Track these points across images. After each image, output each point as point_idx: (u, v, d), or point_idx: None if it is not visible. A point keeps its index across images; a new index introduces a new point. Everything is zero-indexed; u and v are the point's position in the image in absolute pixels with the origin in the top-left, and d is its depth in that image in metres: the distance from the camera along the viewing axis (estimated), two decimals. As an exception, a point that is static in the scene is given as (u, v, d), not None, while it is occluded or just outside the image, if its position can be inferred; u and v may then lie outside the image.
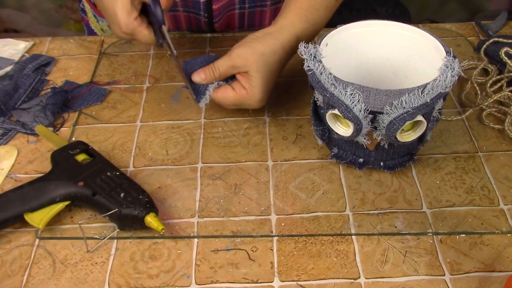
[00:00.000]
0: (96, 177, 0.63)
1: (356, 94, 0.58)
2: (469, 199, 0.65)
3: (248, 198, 0.66)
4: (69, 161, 0.66)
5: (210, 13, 0.89)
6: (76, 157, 0.66)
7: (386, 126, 0.59)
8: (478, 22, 0.93)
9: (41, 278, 0.58)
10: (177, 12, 0.90)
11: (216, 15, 0.90)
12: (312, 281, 0.57)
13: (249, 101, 0.70)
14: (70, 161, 0.66)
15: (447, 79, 0.59)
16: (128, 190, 0.62)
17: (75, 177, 0.63)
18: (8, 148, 0.73)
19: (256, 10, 0.93)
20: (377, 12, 1.28)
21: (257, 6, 0.92)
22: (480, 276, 0.57)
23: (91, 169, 0.64)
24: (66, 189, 0.62)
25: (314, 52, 0.62)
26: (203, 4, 0.88)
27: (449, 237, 0.61)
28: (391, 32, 0.68)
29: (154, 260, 0.60)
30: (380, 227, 0.62)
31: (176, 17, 0.92)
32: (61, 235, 0.62)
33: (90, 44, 0.91)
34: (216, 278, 0.58)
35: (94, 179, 0.63)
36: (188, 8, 0.89)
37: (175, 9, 0.90)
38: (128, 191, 0.62)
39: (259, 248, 0.61)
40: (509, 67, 0.79)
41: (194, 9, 0.89)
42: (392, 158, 0.66)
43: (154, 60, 0.87)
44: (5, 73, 0.83)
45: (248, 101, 0.70)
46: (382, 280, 0.57)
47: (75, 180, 0.63)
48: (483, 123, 0.75)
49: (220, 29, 0.94)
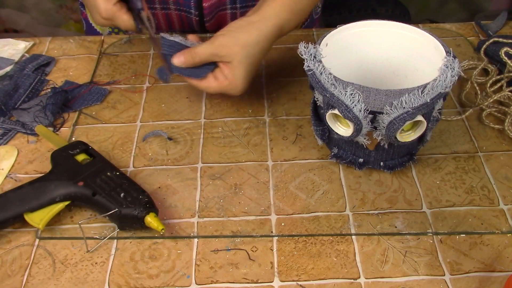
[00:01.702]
0: (96, 177, 0.63)
1: (356, 94, 0.58)
2: (469, 199, 0.65)
3: (248, 198, 0.66)
4: (69, 161, 0.66)
5: (200, 12, 0.89)
6: (76, 157, 0.66)
7: (386, 126, 0.59)
8: (478, 22, 0.93)
9: (41, 278, 0.58)
10: (169, 10, 0.90)
11: (207, 13, 0.90)
12: (312, 281, 0.57)
13: (232, 90, 0.72)
14: (70, 161, 0.66)
15: (447, 79, 0.59)
16: (128, 190, 0.62)
17: (75, 177, 0.63)
18: (8, 148, 0.73)
19: (248, 10, 0.93)
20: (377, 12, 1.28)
21: (249, 6, 0.92)
22: (480, 276, 0.57)
23: (91, 169, 0.64)
24: (66, 189, 0.62)
25: (314, 52, 0.62)
26: (193, 2, 0.88)
27: (449, 237, 0.61)
28: (391, 32, 0.68)
29: (154, 260, 0.60)
30: (380, 227, 0.62)
31: (168, 16, 0.91)
32: (61, 235, 0.62)
33: (90, 44, 0.91)
34: (216, 278, 0.58)
35: (94, 179, 0.63)
36: (179, 6, 0.89)
37: (167, 7, 0.90)
38: (128, 191, 0.62)
39: (259, 248, 0.61)
40: (509, 67, 0.79)
41: (185, 7, 0.89)
42: (392, 158, 0.66)
43: (154, 60, 0.87)
44: (5, 73, 0.83)
45: (231, 91, 0.72)
46: (382, 280, 0.57)
47: (75, 180, 0.63)
48: (483, 123, 0.75)
49: (212, 29, 0.94)
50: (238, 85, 0.71)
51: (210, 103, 0.79)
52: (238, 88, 0.71)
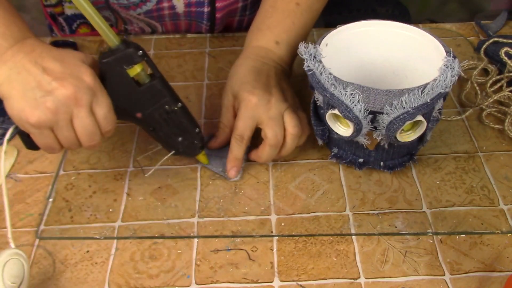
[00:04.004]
0: (155, 111, 0.59)
1: (356, 94, 0.58)
2: (469, 199, 0.65)
3: (248, 198, 0.66)
4: (123, 80, 0.56)
5: (212, 22, 0.89)
6: (130, 71, 0.56)
7: (386, 126, 0.59)
8: (478, 22, 0.93)
9: (41, 278, 0.58)
10: (179, 21, 0.90)
11: (218, 23, 0.90)
12: (312, 281, 0.57)
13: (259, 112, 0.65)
14: (124, 80, 0.56)
15: (447, 79, 0.59)
16: (185, 134, 0.63)
17: (131, 105, 0.57)
18: (8, 148, 0.72)
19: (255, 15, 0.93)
20: (377, 12, 1.28)
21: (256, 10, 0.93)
22: (480, 276, 0.57)
23: (149, 96, 0.57)
24: (122, 116, 0.58)
25: (314, 52, 0.62)
26: (206, 14, 0.88)
27: (449, 237, 0.61)
28: (391, 32, 0.68)
29: (154, 260, 0.60)
30: (380, 227, 0.62)
31: (177, 25, 0.92)
32: (61, 235, 0.62)
33: (90, 44, 0.90)
34: (216, 278, 0.58)
35: (153, 113, 0.59)
36: (191, 18, 0.89)
37: (177, 18, 0.89)
38: (185, 135, 0.63)
39: (259, 248, 0.61)
40: (509, 67, 0.79)
41: (197, 18, 0.89)
42: (392, 158, 0.66)
43: (154, 60, 0.87)
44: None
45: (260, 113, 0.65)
46: (382, 280, 0.57)
47: (132, 109, 0.58)
48: (483, 123, 0.75)
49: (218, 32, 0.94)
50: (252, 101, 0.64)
51: (210, 103, 0.79)
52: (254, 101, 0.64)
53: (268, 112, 0.64)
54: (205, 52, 0.88)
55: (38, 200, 0.66)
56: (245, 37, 0.73)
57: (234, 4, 0.89)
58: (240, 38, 0.91)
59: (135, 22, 0.89)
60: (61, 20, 0.93)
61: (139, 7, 0.84)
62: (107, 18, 0.90)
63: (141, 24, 0.90)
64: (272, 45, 0.70)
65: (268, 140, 0.64)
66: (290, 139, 0.65)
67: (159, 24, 0.90)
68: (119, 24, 0.90)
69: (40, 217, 0.64)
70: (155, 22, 0.89)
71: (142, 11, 0.85)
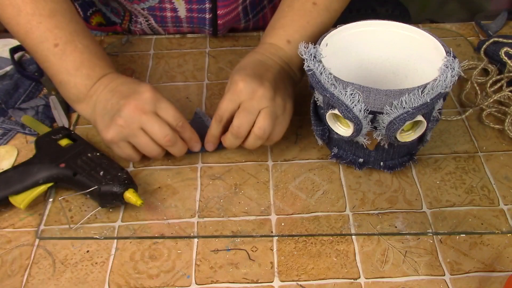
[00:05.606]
0: (77, 159, 0.65)
1: (356, 94, 0.58)
2: (469, 199, 0.65)
3: (248, 198, 0.66)
4: (52, 145, 0.67)
5: (215, 27, 0.89)
6: (59, 142, 0.68)
7: (386, 126, 0.59)
8: (478, 22, 0.93)
9: (41, 278, 0.58)
10: (181, 27, 0.90)
11: (221, 29, 0.90)
12: (312, 281, 0.57)
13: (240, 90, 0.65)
14: (52, 145, 0.67)
15: (447, 79, 0.59)
16: (108, 169, 0.64)
17: (57, 160, 0.65)
18: (8, 148, 0.73)
19: (259, 17, 0.93)
20: (377, 12, 1.28)
21: (259, 12, 0.92)
22: (480, 276, 0.57)
23: (73, 152, 0.66)
24: (48, 171, 0.64)
25: (314, 52, 0.62)
26: (208, 20, 0.87)
27: (449, 237, 0.61)
28: (391, 32, 0.68)
29: (154, 260, 0.60)
30: (380, 227, 0.62)
31: (179, 31, 0.91)
32: (61, 235, 0.62)
33: (90, 44, 0.90)
34: (216, 278, 0.58)
35: (75, 160, 0.65)
36: (193, 24, 0.89)
37: (180, 25, 0.89)
38: (107, 169, 0.64)
39: (259, 248, 0.61)
40: (509, 67, 0.79)
41: (199, 25, 0.89)
42: (392, 158, 0.66)
43: (154, 60, 0.87)
44: (5, 72, 0.83)
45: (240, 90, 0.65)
46: (382, 280, 0.57)
47: (57, 162, 0.65)
48: (483, 123, 0.75)
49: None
50: (238, 82, 0.65)
51: (210, 103, 0.79)
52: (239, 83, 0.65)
53: (248, 101, 0.64)
54: (205, 52, 0.88)
55: (38, 200, 0.66)
56: (245, 37, 0.73)
57: (235, 10, 0.89)
58: (240, 38, 0.91)
59: (141, 17, 0.89)
60: (76, 5, 0.94)
61: (142, 1, 0.84)
62: (116, 9, 0.90)
63: (147, 19, 0.89)
64: (283, 44, 0.70)
65: (231, 128, 0.66)
66: (252, 138, 0.66)
67: (162, 29, 0.90)
68: (126, 17, 0.90)
69: (40, 217, 0.64)
70: (158, 27, 0.89)
71: (145, 6, 0.85)
